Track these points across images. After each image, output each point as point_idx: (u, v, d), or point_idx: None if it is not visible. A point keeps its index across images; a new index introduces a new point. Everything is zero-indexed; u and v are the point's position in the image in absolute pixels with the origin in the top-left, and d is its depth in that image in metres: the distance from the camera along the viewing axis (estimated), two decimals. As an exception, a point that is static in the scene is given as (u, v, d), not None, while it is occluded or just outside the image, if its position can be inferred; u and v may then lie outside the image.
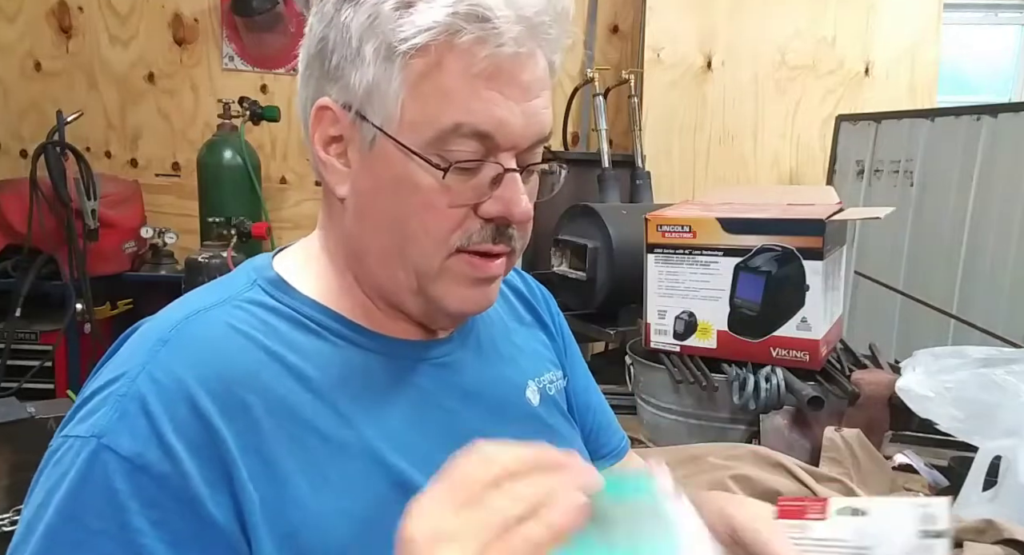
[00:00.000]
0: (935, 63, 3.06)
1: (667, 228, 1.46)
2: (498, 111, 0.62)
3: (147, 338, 0.64)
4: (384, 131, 0.63)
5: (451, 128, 0.62)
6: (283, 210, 3.14)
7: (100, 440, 0.57)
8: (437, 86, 0.62)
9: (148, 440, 0.57)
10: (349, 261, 0.71)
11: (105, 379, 0.62)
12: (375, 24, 0.62)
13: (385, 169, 0.65)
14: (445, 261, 0.66)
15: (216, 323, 0.64)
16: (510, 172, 0.65)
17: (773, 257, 1.37)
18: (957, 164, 2.15)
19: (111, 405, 0.59)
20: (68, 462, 0.58)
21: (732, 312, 1.41)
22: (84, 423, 0.60)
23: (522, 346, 0.84)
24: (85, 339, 2.65)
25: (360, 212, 0.68)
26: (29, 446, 1.58)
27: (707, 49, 2.96)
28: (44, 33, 3.08)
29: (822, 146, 2.94)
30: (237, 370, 0.61)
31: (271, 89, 3.10)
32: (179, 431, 0.58)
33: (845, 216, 1.43)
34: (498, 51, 0.61)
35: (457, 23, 0.60)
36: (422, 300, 0.69)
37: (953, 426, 1.19)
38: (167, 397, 0.59)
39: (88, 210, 2.55)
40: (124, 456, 0.57)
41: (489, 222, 0.66)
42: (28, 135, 3.06)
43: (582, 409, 0.90)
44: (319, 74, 0.66)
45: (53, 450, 0.61)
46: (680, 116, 2.98)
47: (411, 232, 0.65)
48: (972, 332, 1.72)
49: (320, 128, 0.67)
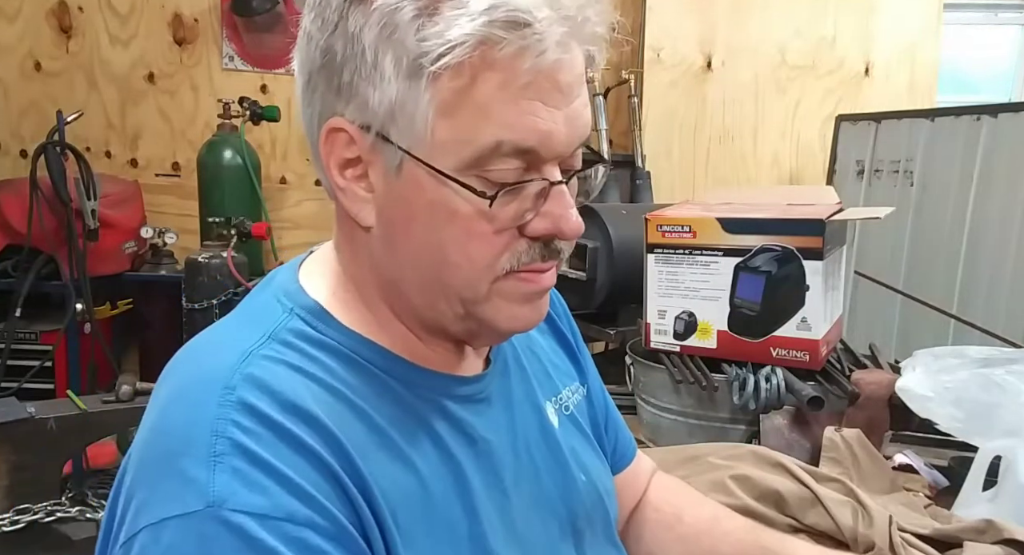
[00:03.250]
0: (935, 63, 3.06)
1: (667, 228, 1.46)
2: (540, 123, 0.56)
3: (208, 390, 0.55)
4: (413, 155, 0.57)
5: (491, 148, 0.56)
6: (283, 210, 3.13)
7: (222, 508, 0.49)
8: (471, 102, 0.55)
9: (279, 489, 0.51)
10: (383, 291, 0.64)
11: (171, 450, 0.53)
12: (393, 36, 0.55)
13: (417, 195, 0.58)
14: (492, 285, 0.61)
15: (276, 365, 0.57)
16: (556, 185, 0.59)
17: (773, 257, 1.37)
18: (957, 164, 2.15)
19: (210, 469, 0.50)
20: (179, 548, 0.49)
21: (732, 312, 1.41)
22: (170, 503, 0.50)
23: (542, 358, 0.81)
24: (85, 339, 2.66)
25: (391, 242, 0.61)
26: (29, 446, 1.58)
27: (707, 49, 2.97)
28: (44, 33, 3.08)
29: (822, 146, 2.94)
30: (313, 410, 0.55)
31: (271, 89, 3.10)
32: (300, 473, 0.52)
33: (845, 216, 1.43)
34: (540, 60, 0.54)
35: (495, 34, 0.53)
36: (471, 323, 0.63)
37: (953, 426, 1.19)
38: (269, 442, 0.52)
39: (88, 210, 2.56)
40: (261, 513, 0.49)
41: (536, 240, 0.60)
42: (28, 135, 3.06)
43: (602, 415, 0.88)
44: (325, 90, 0.59)
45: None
46: (680, 116, 2.99)
47: (452, 261, 0.59)
48: (972, 332, 1.72)
49: (334, 152, 0.60)
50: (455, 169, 0.56)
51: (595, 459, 0.81)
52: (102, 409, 1.72)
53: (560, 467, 0.74)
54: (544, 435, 0.75)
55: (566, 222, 0.59)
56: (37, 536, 1.55)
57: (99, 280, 2.67)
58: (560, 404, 0.79)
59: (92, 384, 2.67)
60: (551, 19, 0.54)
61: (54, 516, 1.56)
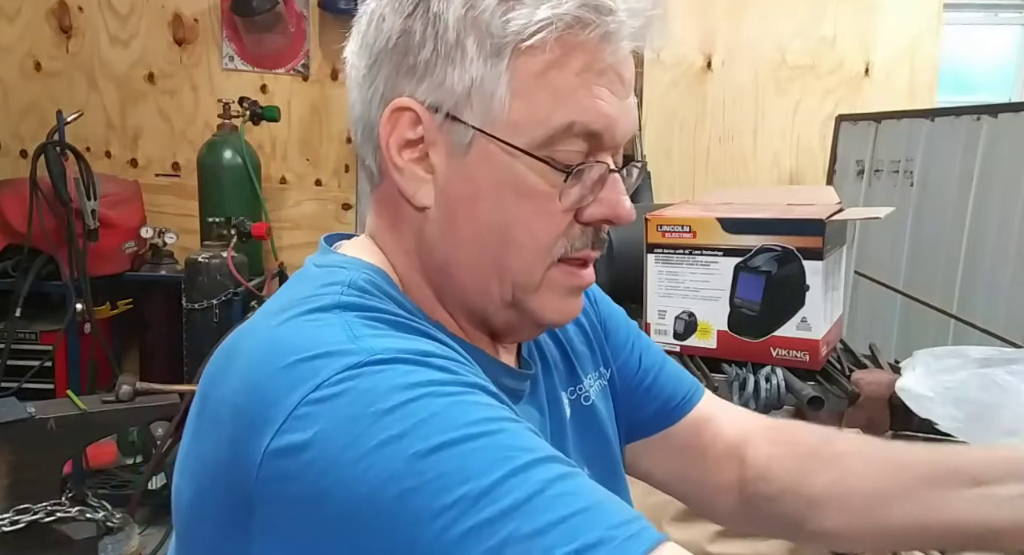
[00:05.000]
0: (935, 63, 3.06)
1: (667, 228, 1.46)
2: (609, 109, 0.59)
3: (327, 334, 0.52)
4: (488, 133, 0.58)
5: (564, 128, 0.58)
6: (283, 210, 3.14)
7: (372, 356, 0.49)
8: (549, 83, 0.57)
9: (424, 340, 0.53)
10: (430, 276, 0.64)
11: (300, 353, 0.50)
12: (478, 17, 0.56)
13: (486, 174, 0.59)
14: (546, 272, 0.62)
15: (369, 299, 0.57)
16: (613, 172, 0.62)
17: (773, 257, 1.37)
18: (957, 164, 2.15)
19: (352, 339, 0.51)
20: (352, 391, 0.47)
21: (732, 312, 1.41)
22: (319, 373, 0.48)
23: (567, 348, 0.80)
24: (85, 339, 2.66)
25: (450, 221, 0.61)
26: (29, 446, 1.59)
27: (707, 49, 2.97)
28: (44, 33, 3.08)
29: (822, 146, 2.94)
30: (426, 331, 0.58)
31: (271, 89, 3.09)
32: (435, 342, 0.54)
33: (845, 216, 1.43)
34: (618, 48, 0.57)
35: (586, 16, 0.56)
36: (513, 313, 0.64)
37: (953, 426, 1.19)
38: (404, 327, 0.55)
39: (88, 210, 2.56)
40: (413, 349, 0.51)
41: (587, 226, 0.62)
42: (28, 135, 3.06)
43: (641, 379, 0.84)
44: (393, 71, 0.60)
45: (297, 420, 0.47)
46: (680, 116, 2.99)
47: (516, 240, 0.60)
48: (972, 332, 1.72)
49: (396, 131, 0.60)
50: (529, 148, 0.58)
51: (602, 449, 0.80)
52: (102, 409, 1.72)
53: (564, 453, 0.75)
54: (560, 428, 0.75)
55: (622, 207, 0.62)
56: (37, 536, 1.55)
57: (99, 280, 2.67)
58: (579, 395, 0.79)
59: (92, 384, 2.67)
60: (632, 10, 0.57)
61: (54, 516, 1.56)
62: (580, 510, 0.44)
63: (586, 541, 0.42)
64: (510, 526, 0.42)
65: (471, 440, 0.46)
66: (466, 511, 0.43)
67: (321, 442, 0.46)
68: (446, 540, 0.43)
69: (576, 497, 0.45)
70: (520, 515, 0.43)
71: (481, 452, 0.45)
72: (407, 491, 0.44)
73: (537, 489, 0.44)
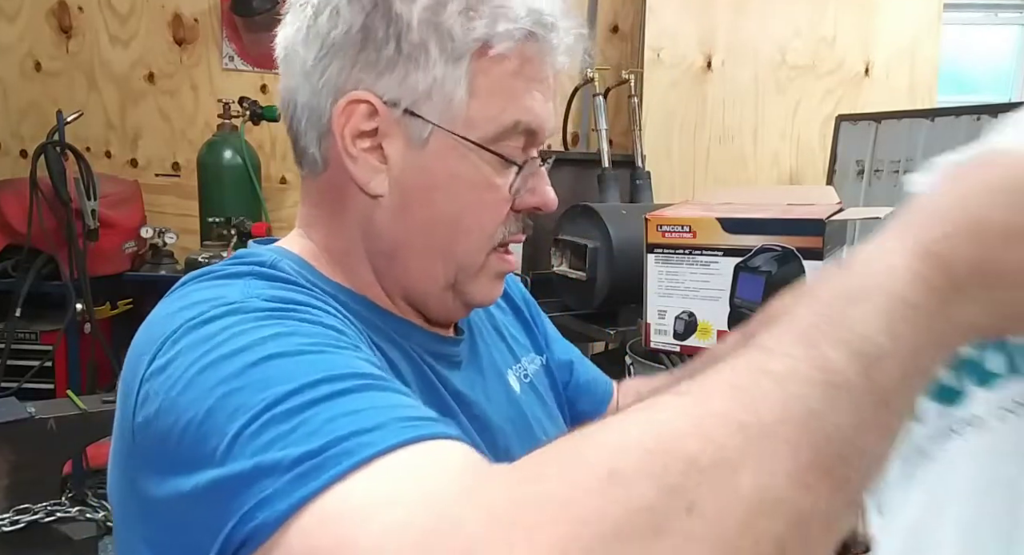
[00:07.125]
0: (935, 63, 3.06)
1: (667, 228, 1.46)
2: (544, 111, 0.66)
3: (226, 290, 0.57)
4: (446, 129, 0.63)
5: (511, 126, 0.65)
6: (283, 210, 3.13)
7: (249, 299, 0.54)
8: (501, 86, 0.64)
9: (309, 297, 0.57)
10: (373, 258, 0.68)
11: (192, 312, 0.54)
12: (442, 23, 0.61)
13: (443, 165, 0.64)
14: (487, 257, 0.68)
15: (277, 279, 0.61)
16: (543, 165, 0.69)
17: (773, 257, 1.37)
18: (957, 164, 2.15)
19: (240, 289, 0.56)
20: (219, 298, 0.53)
21: (732, 312, 1.41)
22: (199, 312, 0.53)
23: (502, 332, 0.85)
24: (85, 339, 2.65)
25: (404, 209, 0.65)
26: (29, 446, 1.59)
27: (707, 49, 2.97)
28: (44, 33, 3.08)
29: (822, 146, 2.94)
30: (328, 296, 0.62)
31: (271, 89, 3.10)
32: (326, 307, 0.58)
33: (845, 216, 1.43)
34: (558, 60, 0.66)
35: (538, 31, 0.63)
36: (450, 295, 0.69)
37: (953, 426, 1.19)
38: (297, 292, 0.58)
39: (88, 210, 2.55)
40: (289, 298, 0.55)
41: (517, 214, 0.69)
42: (28, 135, 3.06)
43: (567, 374, 0.93)
44: (348, 63, 0.63)
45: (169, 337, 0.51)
46: (680, 116, 2.99)
47: (465, 228, 0.66)
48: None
49: (351, 122, 0.63)
50: (482, 142, 0.64)
51: (552, 426, 0.84)
52: (102, 409, 1.72)
53: (527, 430, 0.78)
54: (510, 400, 0.78)
55: (551, 196, 0.69)
56: (37, 536, 1.55)
57: (99, 280, 2.67)
58: (520, 372, 0.83)
59: (92, 384, 2.67)
60: (568, 29, 0.66)
61: (54, 516, 1.56)
62: (378, 407, 0.44)
63: (364, 426, 0.42)
64: (307, 412, 0.43)
65: (302, 354, 0.48)
66: (272, 406, 0.44)
67: (178, 358, 0.49)
68: (251, 430, 0.44)
69: (380, 399, 0.46)
70: (322, 408, 0.44)
71: (307, 364, 0.47)
72: (232, 391, 0.46)
73: (345, 389, 0.45)
